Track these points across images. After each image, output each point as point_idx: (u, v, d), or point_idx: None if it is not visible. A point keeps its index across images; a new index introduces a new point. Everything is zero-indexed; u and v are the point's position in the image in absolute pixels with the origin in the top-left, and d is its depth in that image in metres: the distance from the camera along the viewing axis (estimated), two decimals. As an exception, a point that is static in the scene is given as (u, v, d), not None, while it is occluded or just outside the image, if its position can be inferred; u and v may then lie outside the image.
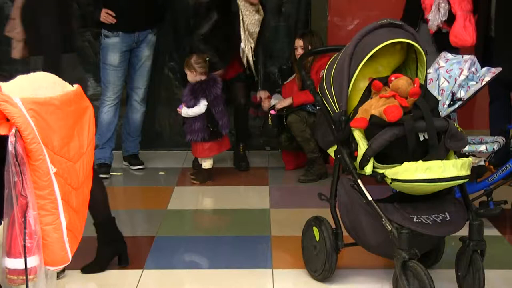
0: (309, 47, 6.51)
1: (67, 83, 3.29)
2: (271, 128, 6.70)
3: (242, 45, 6.75)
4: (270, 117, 6.69)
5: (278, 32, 7.77)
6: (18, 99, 2.93)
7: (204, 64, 6.51)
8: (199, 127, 6.48)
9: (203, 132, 6.50)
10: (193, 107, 6.45)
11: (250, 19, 6.73)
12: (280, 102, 6.69)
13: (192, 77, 6.53)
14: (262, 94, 6.91)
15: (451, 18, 6.34)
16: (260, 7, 6.81)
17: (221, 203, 6.28)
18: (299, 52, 6.58)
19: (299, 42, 6.65)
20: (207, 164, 6.63)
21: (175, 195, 6.33)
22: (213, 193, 6.49)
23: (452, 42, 6.34)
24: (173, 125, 7.72)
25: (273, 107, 6.72)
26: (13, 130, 2.89)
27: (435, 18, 6.35)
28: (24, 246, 2.97)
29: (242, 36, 6.74)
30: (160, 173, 7.08)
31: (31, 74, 3.20)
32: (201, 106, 6.45)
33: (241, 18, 6.72)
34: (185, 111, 6.49)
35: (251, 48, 6.80)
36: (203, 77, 6.51)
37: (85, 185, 3.34)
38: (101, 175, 6.56)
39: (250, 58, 6.81)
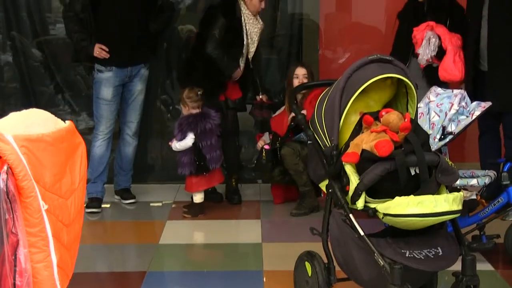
0: (296, 81, 6.55)
1: (59, 120, 3.29)
2: (265, 162, 6.68)
3: (244, 51, 6.79)
4: (264, 152, 6.68)
5: (269, 65, 7.80)
6: (10, 136, 2.93)
7: (196, 98, 6.53)
8: (187, 161, 6.50)
9: (189, 166, 6.51)
10: (181, 140, 6.46)
11: (253, 27, 6.79)
12: (261, 142, 6.73)
13: (185, 111, 6.55)
14: (264, 97, 6.96)
15: (441, 53, 6.39)
16: (258, 17, 6.87)
17: (213, 237, 6.26)
18: (301, 80, 6.59)
19: (301, 71, 6.67)
20: (197, 198, 6.62)
21: (167, 229, 6.31)
22: (205, 227, 6.47)
23: (441, 76, 6.38)
24: (165, 158, 7.72)
25: (268, 143, 6.72)
26: (5, 168, 2.88)
27: (425, 52, 6.39)
28: (14, 284, 2.95)
29: (245, 42, 6.78)
30: (154, 204, 7.04)
31: (24, 111, 3.19)
32: (188, 140, 6.46)
33: (244, 25, 6.76)
34: (174, 145, 6.50)
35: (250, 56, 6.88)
36: (196, 111, 6.52)
37: (77, 221, 3.32)
38: (92, 210, 6.60)
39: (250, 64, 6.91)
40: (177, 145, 6.49)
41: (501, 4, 6.27)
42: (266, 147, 6.68)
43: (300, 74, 6.64)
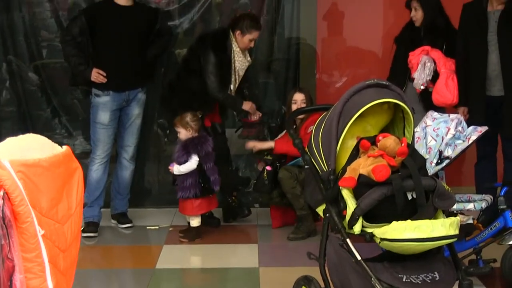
0: (294, 106, 6.56)
1: (56, 145, 3.29)
2: (266, 183, 6.67)
3: (232, 87, 6.82)
4: (265, 173, 6.67)
5: (267, 89, 7.82)
6: (7, 162, 2.93)
7: (198, 122, 6.56)
8: (191, 183, 6.47)
9: (195, 188, 6.48)
10: (184, 163, 6.45)
11: (240, 64, 6.81)
12: (260, 144, 6.70)
13: (185, 134, 6.55)
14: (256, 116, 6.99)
15: (436, 77, 6.41)
16: (247, 53, 6.90)
17: (210, 261, 6.24)
18: (299, 105, 6.60)
19: (299, 96, 6.68)
20: (195, 222, 6.61)
21: (163, 254, 6.29)
22: (202, 251, 6.46)
23: (434, 99, 6.39)
24: (162, 182, 7.71)
25: (268, 164, 6.70)
26: (1, 193, 2.88)
27: (420, 76, 6.40)
28: (10, 310, 2.94)
29: (232, 78, 6.80)
30: (151, 228, 7.03)
31: (20, 136, 3.20)
32: (193, 162, 6.45)
33: (233, 62, 6.78)
34: (177, 169, 6.48)
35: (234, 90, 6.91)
36: (195, 134, 6.53)
37: (73, 246, 3.31)
38: (89, 234, 6.58)
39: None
40: (181, 169, 6.46)
41: (508, 29, 6.24)
42: (268, 168, 6.66)
43: (298, 100, 6.65)
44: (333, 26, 8.01)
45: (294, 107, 6.63)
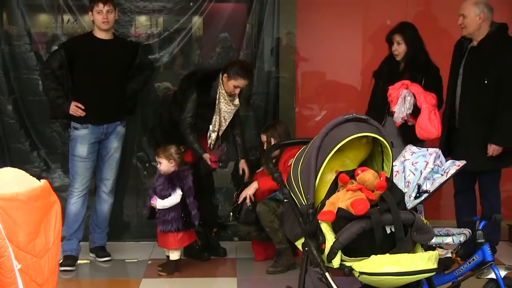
0: (272, 140, 6.56)
1: (34, 178, 3.28)
2: (249, 210, 6.63)
3: (211, 127, 6.81)
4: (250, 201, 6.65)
5: (247, 123, 7.82)
6: (-16, 196, 2.93)
7: (181, 155, 6.55)
8: (173, 217, 6.43)
9: (177, 222, 6.44)
10: (167, 196, 6.43)
11: (226, 107, 6.79)
12: (246, 190, 6.67)
13: (167, 166, 6.52)
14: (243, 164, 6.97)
15: (416, 111, 6.46)
16: (235, 97, 6.87)
17: (189, 295, 6.22)
18: (266, 146, 6.64)
19: (263, 137, 6.73)
20: (175, 255, 6.57)
21: (142, 288, 6.27)
22: (181, 285, 6.41)
23: (418, 134, 6.45)
24: (141, 215, 7.65)
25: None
26: (-22, 227, 2.87)
27: (400, 110, 6.45)
28: None
29: (213, 121, 6.79)
30: (130, 261, 6.99)
31: (-2, 170, 3.20)
32: (177, 196, 6.42)
33: (217, 103, 6.78)
34: (160, 203, 6.43)
35: (218, 134, 6.86)
36: (176, 168, 6.52)
37: (50, 281, 3.29)
38: (67, 268, 6.53)
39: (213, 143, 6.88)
40: (165, 203, 6.42)
41: (473, 65, 6.37)
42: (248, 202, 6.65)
43: (263, 141, 6.70)
44: (312, 60, 8.06)
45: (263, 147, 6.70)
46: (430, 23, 7.89)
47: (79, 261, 6.79)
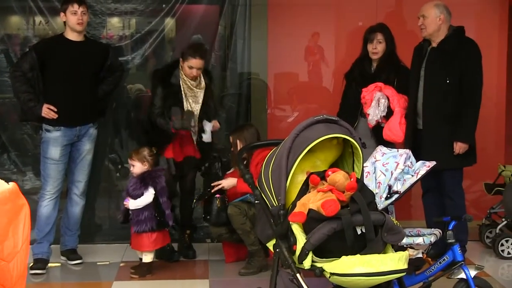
0: (238, 143, 6.56)
1: (2, 181, 3.25)
2: (220, 211, 6.61)
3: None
4: (218, 200, 6.63)
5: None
6: (-48, 199, 2.90)
7: (154, 157, 6.54)
8: (147, 217, 6.40)
9: (151, 221, 6.41)
10: (139, 196, 6.41)
11: (190, 92, 6.80)
12: (224, 181, 6.65)
13: (140, 168, 6.50)
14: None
15: (389, 113, 6.51)
16: (201, 79, 6.86)
17: (161, 298, 6.21)
18: (232, 148, 6.65)
19: (230, 139, 6.74)
20: (148, 257, 6.54)
21: (114, 291, 6.25)
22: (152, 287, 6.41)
23: (384, 135, 6.49)
24: (113, 217, 7.64)
25: (218, 191, 6.67)
26: None
27: (374, 113, 6.50)
28: None
29: (185, 105, 6.78)
30: (101, 263, 6.96)
31: (-34, 173, 3.18)
32: (149, 195, 6.40)
33: (182, 89, 6.78)
34: (133, 203, 6.41)
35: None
36: (149, 168, 6.51)
37: (19, 284, 3.27)
38: (37, 271, 6.49)
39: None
40: (138, 202, 6.39)
41: (433, 65, 6.44)
42: (218, 195, 6.63)
43: (231, 143, 6.72)
44: (284, 61, 8.08)
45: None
46: (399, 25, 7.94)
47: (50, 264, 6.74)
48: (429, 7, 6.46)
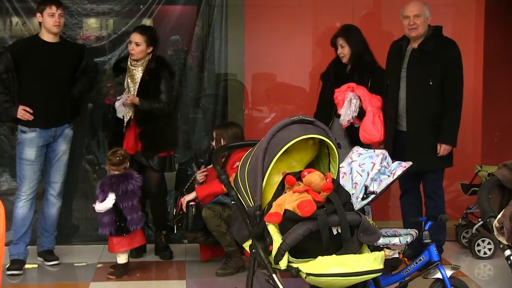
0: (222, 140, 6.56)
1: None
2: (196, 217, 6.59)
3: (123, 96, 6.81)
4: (193, 208, 6.61)
5: (195, 124, 7.83)
6: None
7: (115, 161, 6.48)
8: (107, 222, 6.43)
9: (110, 226, 6.43)
10: (103, 200, 6.41)
11: (130, 72, 6.91)
12: (185, 197, 6.64)
13: (112, 170, 6.53)
14: None
15: (362, 113, 6.52)
16: (144, 62, 6.89)
17: (138, 299, 6.19)
18: (215, 143, 6.64)
19: (213, 133, 6.72)
20: (121, 258, 6.53)
21: (90, 292, 6.23)
22: (130, 289, 6.40)
23: (361, 136, 6.50)
24: (90, 218, 7.60)
25: (192, 199, 6.66)
26: None
27: (346, 113, 6.51)
28: None
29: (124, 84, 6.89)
30: (79, 264, 6.94)
31: None
32: (108, 201, 6.38)
33: (126, 74, 6.92)
34: (96, 207, 6.43)
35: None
36: (117, 172, 6.48)
37: (-6, 284, 3.27)
38: (13, 272, 6.46)
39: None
40: (98, 207, 6.41)
41: (415, 67, 6.45)
42: (192, 202, 6.62)
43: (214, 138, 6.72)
44: (261, 62, 8.09)
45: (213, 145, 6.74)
46: (375, 25, 8.00)
47: (26, 265, 6.72)
48: (421, 7, 6.44)
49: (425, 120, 6.40)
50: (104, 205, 6.38)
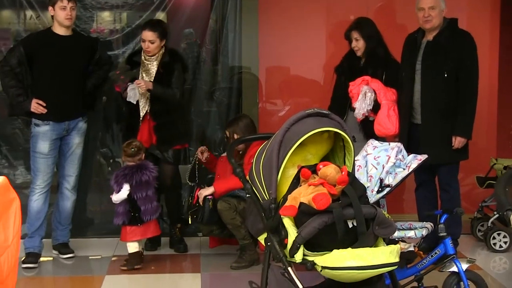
0: (235, 136, 6.55)
1: (-8, 175, 3.25)
2: (212, 211, 6.59)
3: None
4: (210, 202, 6.60)
5: (210, 118, 7.82)
6: None
7: (130, 152, 6.52)
8: (122, 211, 6.49)
9: (123, 216, 6.49)
10: (118, 191, 6.44)
11: (144, 67, 6.89)
12: (202, 190, 6.64)
13: (128, 161, 6.55)
14: None
15: (376, 106, 6.49)
16: (158, 56, 6.88)
17: (153, 291, 6.20)
18: (229, 142, 6.64)
19: (226, 133, 6.73)
20: (131, 247, 6.55)
21: (105, 285, 6.20)
22: (144, 282, 6.38)
23: (376, 130, 6.47)
24: (105, 211, 7.63)
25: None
26: None
27: (361, 106, 6.48)
28: None
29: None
30: (93, 257, 6.96)
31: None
32: (123, 192, 6.43)
33: (140, 68, 6.89)
34: (113, 198, 6.48)
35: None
36: (132, 163, 6.50)
37: (10, 278, 3.26)
38: (29, 265, 6.48)
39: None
40: (114, 198, 6.47)
41: (430, 59, 6.42)
42: (209, 196, 6.61)
43: (227, 136, 6.71)
44: (275, 55, 8.07)
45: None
46: (390, 18, 7.96)
47: (41, 258, 6.74)
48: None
49: (439, 112, 6.37)
50: (119, 196, 6.42)
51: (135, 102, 6.77)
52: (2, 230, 3.19)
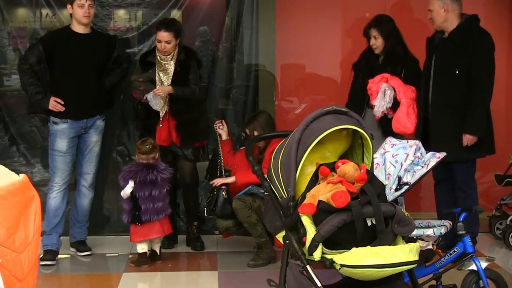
0: (255, 133, 6.54)
1: (12, 173, 3.25)
2: (225, 202, 6.59)
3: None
4: (224, 192, 6.61)
5: (226, 115, 7.82)
6: (-38, 190, 2.89)
7: (144, 150, 6.55)
8: (126, 209, 6.57)
9: (128, 214, 6.55)
10: (124, 187, 6.49)
11: (160, 67, 6.88)
12: (223, 179, 6.66)
13: (142, 159, 6.55)
14: None
15: (395, 104, 6.47)
16: (174, 55, 6.87)
17: (170, 289, 6.20)
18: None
19: (246, 131, 6.74)
20: (139, 248, 6.58)
21: (122, 282, 6.22)
22: (161, 279, 6.41)
23: (394, 128, 6.46)
24: (121, 209, 7.61)
25: (224, 184, 6.66)
26: (-44, 222, 2.84)
27: (380, 104, 6.47)
28: None
29: (156, 78, 6.86)
30: (110, 254, 6.97)
31: (-24, 165, 3.16)
32: (128, 188, 6.46)
33: (157, 68, 6.88)
34: (121, 193, 6.54)
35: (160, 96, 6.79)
36: (144, 161, 6.52)
37: (30, 276, 3.26)
38: (47, 262, 6.50)
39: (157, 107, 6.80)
40: (121, 193, 6.52)
41: (443, 56, 6.41)
42: (224, 186, 6.62)
43: (248, 134, 6.70)
44: (292, 52, 8.06)
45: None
46: (408, 15, 7.92)
47: (59, 256, 6.78)
48: (433, 0, 6.42)
49: (449, 109, 6.35)
50: (124, 191, 6.44)
51: (160, 109, 6.78)
52: (22, 228, 3.20)
